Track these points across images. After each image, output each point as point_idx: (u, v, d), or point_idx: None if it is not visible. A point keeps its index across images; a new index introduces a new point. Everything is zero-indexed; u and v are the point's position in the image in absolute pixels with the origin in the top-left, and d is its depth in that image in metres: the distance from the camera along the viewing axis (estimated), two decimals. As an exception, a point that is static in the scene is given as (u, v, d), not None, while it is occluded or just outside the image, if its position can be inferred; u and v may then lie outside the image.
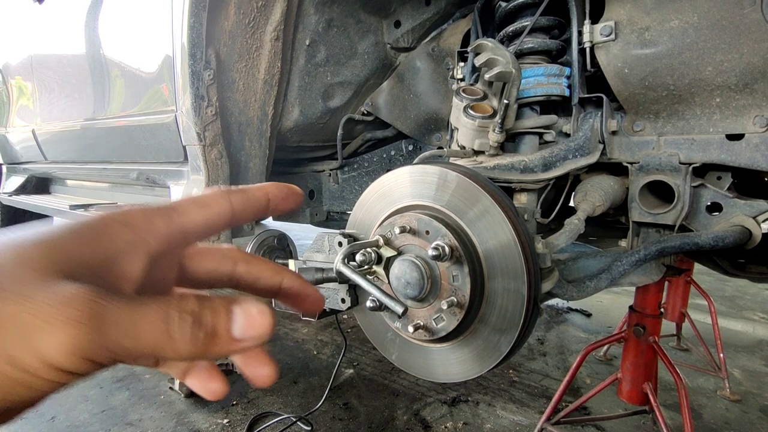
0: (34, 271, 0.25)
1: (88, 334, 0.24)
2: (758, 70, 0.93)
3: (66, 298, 0.24)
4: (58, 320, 0.24)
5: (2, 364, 0.23)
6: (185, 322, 0.27)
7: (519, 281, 0.80)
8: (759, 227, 1.02)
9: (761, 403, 2.06)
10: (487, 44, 1.04)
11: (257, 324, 0.30)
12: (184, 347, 0.28)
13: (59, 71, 2.35)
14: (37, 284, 0.25)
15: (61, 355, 0.24)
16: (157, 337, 0.27)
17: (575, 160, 1.11)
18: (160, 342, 0.27)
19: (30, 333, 0.23)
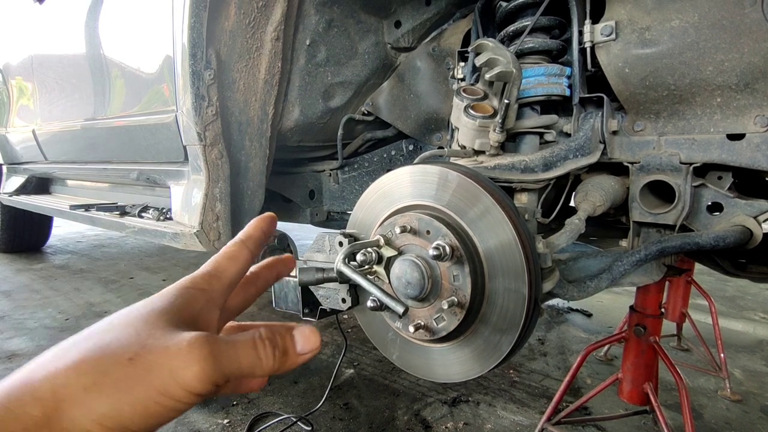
0: (160, 329, 0.37)
1: (211, 365, 0.36)
2: (759, 69, 0.93)
3: (190, 343, 0.36)
4: (191, 359, 0.35)
5: (160, 396, 0.34)
6: (267, 348, 0.40)
7: (520, 281, 0.80)
8: (760, 227, 1.02)
9: (762, 403, 2.06)
10: (487, 44, 1.05)
11: (312, 340, 0.44)
12: (269, 365, 0.40)
13: (59, 71, 2.35)
14: (166, 337, 0.36)
15: (198, 383, 0.35)
16: (252, 361, 0.39)
17: (576, 160, 1.11)
18: (254, 364, 0.40)
19: (175, 372, 0.34)
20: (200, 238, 1.45)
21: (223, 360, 0.37)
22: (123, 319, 0.38)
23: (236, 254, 0.48)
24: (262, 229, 0.52)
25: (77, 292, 3.56)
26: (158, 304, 0.40)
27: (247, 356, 0.39)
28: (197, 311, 0.41)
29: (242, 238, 0.49)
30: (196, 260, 4.60)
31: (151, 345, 0.35)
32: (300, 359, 0.43)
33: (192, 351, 0.35)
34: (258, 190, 1.61)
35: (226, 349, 0.38)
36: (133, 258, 4.78)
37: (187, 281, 0.43)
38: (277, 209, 2.39)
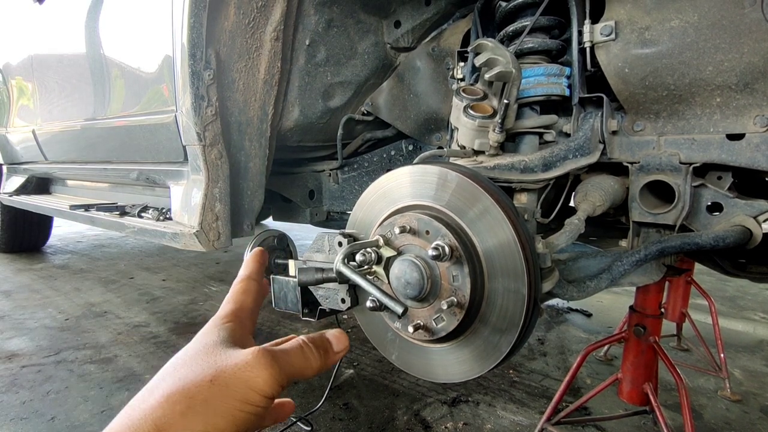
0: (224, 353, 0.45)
1: (276, 370, 0.45)
2: (759, 69, 0.93)
3: (255, 356, 0.45)
4: (259, 368, 0.44)
5: (242, 405, 0.42)
6: (312, 349, 0.51)
7: (519, 281, 0.79)
8: (760, 227, 1.01)
9: (762, 404, 2.06)
10: (487, 44, 1.04)
11: (343, 340, 0.55)
12: (317, 363, 0.50)
13: (59, 71, 2.35)
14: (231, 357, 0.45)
15: (269, 387, 0.44)
16: (303, 362, 0.49)
17: (575, 160, 1.11)
18: (305, 364, 0.49)
19: (249, 381, 0.43)
20: (200, 238, 1.45)
21: (283, 364, 0.46)
22: (189, 355, 0.46)
23: (247, 288, 0.58)
24: (259, 261, 0.64)
25: (77, 292, 3.56)
26: (209, 338, 0.48)
27: (298, 359, 0.49)
28: (239, 339, 0.49)
29: (248, 274, 0.60)
30: (196, 260, 4.60)
31: (223, 365, 0.43)
32: (337, 356, 0.54)
33: (258, 362, 0.44)
34: (258, 190, 1.61)
35: (282, 355, 0.47)
36: (133, 258, 4.78)
37: (220, 319, 0.52)
38: (276, 209, 2.39)
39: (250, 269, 0.61)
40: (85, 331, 2.79)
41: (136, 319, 2.99)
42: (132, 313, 3.12)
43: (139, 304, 3.31)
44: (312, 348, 0.50)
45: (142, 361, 2.39)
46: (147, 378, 2.19)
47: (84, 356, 2.44)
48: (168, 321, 2.97)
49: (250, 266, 0.62)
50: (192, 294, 3.54)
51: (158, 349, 2.53)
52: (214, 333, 0.49)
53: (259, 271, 0.62)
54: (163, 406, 0.39)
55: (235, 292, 0.57)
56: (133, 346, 2.57)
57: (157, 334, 2.76)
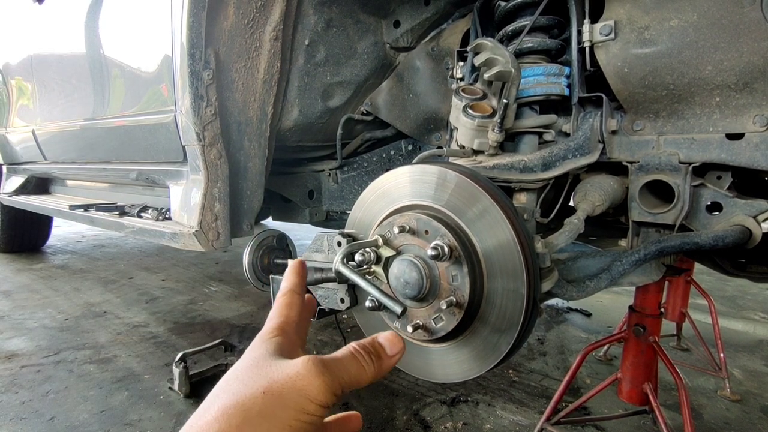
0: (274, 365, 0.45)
1: (329, 378, 0.44)
2: (758, 69, 0.93)
3: (305, 365, 0.44)
4: (312, 377, 0.43)
5: (298, 414, 0.41)
6: (365, 356, 0.48)
7: (518, 281, 0.79)
8: (759, 227, 1.01)
9: (762, 403, 2.06)
10: (486, 44, 1.04)
11: (396, 343, 0.51)
12: (371, 370, 0.48)
13: (59, 71, 2.35)
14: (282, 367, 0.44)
15: (323, 395, 0.43)
16: (357, 369, 0.47)
17: (575, 160, 1.11)
18: (359, 372, 0.47)
19: (303, 391, 0.42)
20: (199, 238, 1.45)
21: (335, 372, 0.45)
22: (240, 370, 0.45)
23: (291, 301, 0.56)
24: (302, 275, 0.62)
25: (77, 292, 3.56)
26: (257, 353, 0.47)
27: (352, 366, 0.47)
28: (287, 352, 0.49)
29: (291, 287, 0.59)
30: (196, 260, 4.60)
31: (275, 376, 0.43)
32: (392, 361, 0.51)
33: (309, 370, 0.43)
34: (257, 190, 1.61)
35: (333, 363, 0.46)
36: (132, 258, 4.78)
37: (266, 334, 0.51)
38: (276, 209, 2.39)
39: (291, 282, 0.59)
40: (85, 331, 2.79)
41: (136, 319, 2.99)
42: (131, 313, 3.12)
43: (139, 304, 3.30)
44: (363, 354, 0.49)
45: (142, 361, 2.39)
46: (146, 378, 2.19)
47: (83, 356, 2.44)
48: (167, 321, 2.96)
49: (290, 279, 0.60)
50: (191, 294, 3.53)
51: (158, 349, 2.52)
52: (262, 347, 0.48)
53: (300, 283, 0.60)
54: (219, 420, 0.40)
55: (279, 306, 0.56)
56: (133, 346, 2.57)
57: (156, 334, 2.75)
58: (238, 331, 2.78)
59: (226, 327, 2.85)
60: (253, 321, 2.95)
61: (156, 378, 2.20)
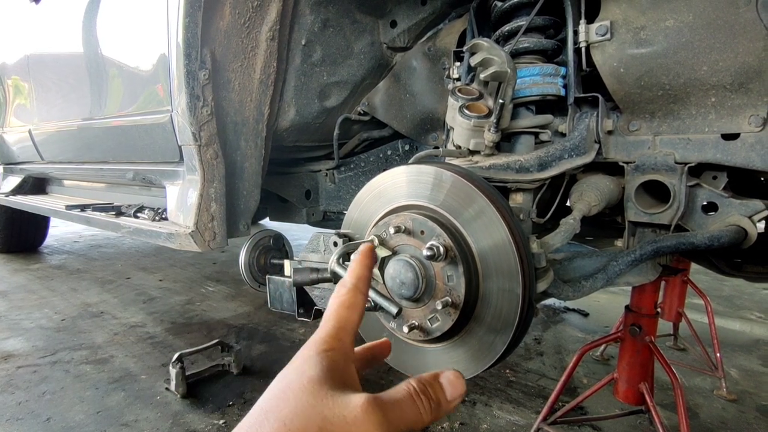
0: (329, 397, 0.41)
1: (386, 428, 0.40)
2: (753, 69, 0.93)
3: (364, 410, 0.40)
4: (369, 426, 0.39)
5: None
6: (425, 402, 0.44)
7: (514, 281, 0.79)
8: (754, 227, 1.01)
9: (758, 403, 2.06)
10: (482, 44, 1.04)
11: (458, 386, 0.47)
12: (428, 418, 0.44)
13: (56, 71, 2.34)
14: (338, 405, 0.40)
15: None
16: (415, 417, 0.43)
17: (571, 160, 1.11)
18: (417, 419, 0.43)
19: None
20: (195, 238, 1.44)
21: (393, 420, 0.41)
22: (292, 390, 0.41)
23: (353, 301, 0.49)
24: (369, 266, 0.54)
25: (74, 293, 3.55)
26: (311, 372, 0.43)
27: (411, 413, 0.43)
28: (343, 370, 0.44)
29: (354, 283, 0.51)
30: (193, 260, 4.59)
31: (330, 416, 0.39)
32: (451, 406, 0.47)
33: (368, 418, 0.40)
34: (254, 190, 1.61)
35: (392, 408, 0.42)
36: (130, 258, 4.77)
37: (322, 343, 0.46)
38: (273, 209, 2.39)
39: (358, 276, 0.51)
40: (82, 331, 2.78)
41: (133, 320, 2.99)
42: (128, 313, 3.11)
43: (136, 304, 3.30)
44: (424, 401, 0.44)
45: (139, 361, 2.38)
46: (143, 378, 2.19)
47: (80, 357, 2.43)
48: (165, 321, 2.96)
49: (357, 272, 0.52)
50: (189, 294, 3.53)
51: (155, 350, 2.52)
52: (316, 364, 0.43)
53: (366, 279, 0.52)
54: None
55: (340, 306, 0.49)
56: (130, 347, 2.56)
57: (153, 334, 2.75)
58: (235, 332, 2.78)
59: (224, 327, 2.85)
60: (251, 321, 2.94)
61: (153, 378, 2.20)
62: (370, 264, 0.54)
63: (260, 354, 2.48)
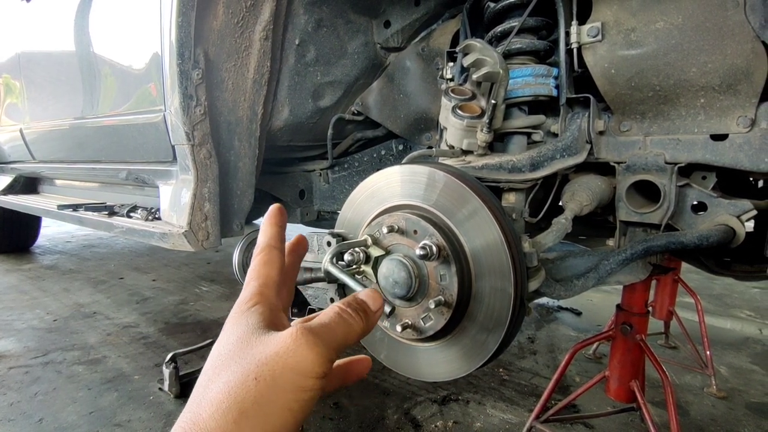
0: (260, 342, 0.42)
1: (321, 346, 0.41)
2: (741, 71, 0.95)
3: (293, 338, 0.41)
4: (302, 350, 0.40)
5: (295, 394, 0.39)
6: (351, 312, 0.47)
7: (506, 280, 0.80)
8: (743, 226, 1.03)
9: (747, 400, 2.09)
10: (475, 45, 1.05)
11: (377, 297, 0.51)
12: (360, 326, 0.46)
13: (48, 69, 2.32)
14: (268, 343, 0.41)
15: (318, 366, 0.41)
16: (345, 328, 0.45)
17: (563, 160, 1.12)
18: (348, 330, 0.45)
19: (295, 368, 0.40)
20: (188, 238, 1.44)
21: (326, 338, 0.42)
22: (226, 353, 0.42)
23: (269, 257, 0.51)
24: (279, 224, 0.55)
25: (66, 293, 3.53)
26: (240, 329, 0.43)
27: (340, 326, 0.45)
28: (271, 320, 0.45)
29: (267, 241, 0.53)
30: (187, 260, 4.58)
31: (263, 358, 0.40)
32: (376, 316, 0.50)
33: (299, 343, 0.40)
34: (247, 190, 1.61)
35: (322, 329, 0.43)
36: (123, 258, 4.74)
37: (244, 303, 0.47)
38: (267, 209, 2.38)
39: (268, 235, 0.53)
40: (74, 332, 2.77)
41: (126, 320, 2.97)
42: (121, 313, 3.10)
43: (129, 304, 3.28)
44: (351, 312, 0.46)
45: (132, 361, 2.37)
46: (136, 379, 2.18)
47: (72, 357, 2.42)
48: (158, 321, 2.95)
49: (267, 231, 0.54)
50: (182, 294, 3.52)
51: (148, 350, 2.51)
52: (243, 321, 0.44)
53: (278, 235, 0.54)
54: (216, 417, 0.37)
55: (256, 266, 0.51)
56: (123, 347, 2.55)
57: (146, 334, 2.74)
58: (229, 331, 2.77)
59: (218, 327, 2.84)
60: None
61: (146, 379, 2.19)
62: (279, 221, 0.56)
63: (254, 354, 2.47)
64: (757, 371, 2.38)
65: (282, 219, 0.56)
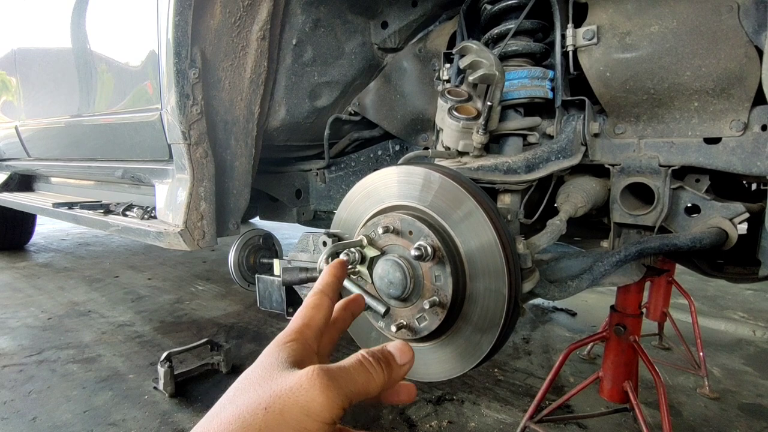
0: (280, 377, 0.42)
1: (334, 392, 0.40)
2: (734, 75, 0.96)
3: (309, 377, 0.40)
4: (315, 391, 0.40)
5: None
6: (374, 364, 0.46)
7: (500, 281, 0.81)
8: (735, 229, 1.04)
9: (740, 401, 2.10)
10: (471, 46, 1.05)
11: (406, 351, 0.49)
12: (380, 378, 0.46)
13: (44, 66, 2.31)
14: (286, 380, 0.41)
15: (326, 411, 0.40)
16: (365, 378, 0.44)
17: (558, 162, 1.13)
18: (368, 380, 0.44)
19: (305, 407, 0.39)
20: (184, 237, 1.44)
21: (342, 384, 0.42)
22: (249, 380, 0.43)
23: (319, 302, 0.53)
24: (336, 276, 0.59)
25: (61, 291, 3.52)
26: (270, 360, 0.45)
27: (360, 375, 0.44)
28: (300, 359, 0.46)
29: (321, 288, 0.55)
30: (183, 259, 4.57)
31: (278, 390, 0.40)
32: (402, 370, 0.49)
33: (313, 384, 0.40)
34: (244, 189, 1.61)
35: (340, 373, 0.43)
36: (118, 256, 4.73)
37: (284, 337, 0.48)
38: (263, 208, 2.39)
39: (324, 282, 0.57)
40: (69, 330, 2.76)
41: (121, 319, 2.97)
42: (117, 312, 3.09)
43: (124, 303, 3.27)
44: (373, 362, 0.46)
45: (127, 360, 2.37)
46: (131, 377, 2.18)
47: (67, 356, 2.41)
48: (153, 320, 2.94)
49: (323, 279, 0.57)
50: (178, 293, 3.51)
51: (143, 349, 2.51)
52: (275, 354, 0.46)
53: (334, 285, 0.57)
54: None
55: (305, 307, 0.53)
56: (118, 346, 2.55)
57: (142, 333, 2.73)
58: (224, 330, 2.77)
59: (213, 326, 2.84)
60: (240, 320, 2.94)
61: (141, 377, 2.19)
62: (338, 274, 0.59)
63: (250, 353, 2.48)
64: (749, 372, 2.40)
65: (341, 273, 0.60)
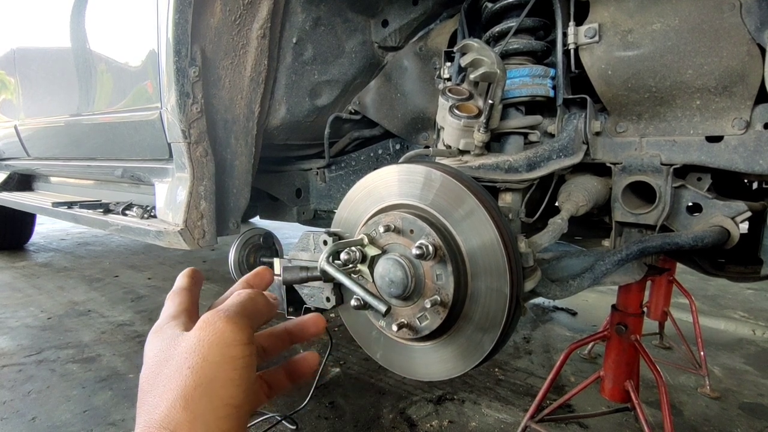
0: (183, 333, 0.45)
1: (233, 317, 0.44)
2: (737, 73, 0.95)
3: (206, 320, 0.44)
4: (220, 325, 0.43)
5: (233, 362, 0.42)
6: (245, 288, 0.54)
7: (501, 280, 0.80)
8: (737, 228, 1.03)
9: (740, 401, 2.10)
10: (472, 44, 1.05)
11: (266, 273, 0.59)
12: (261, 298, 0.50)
13: (43, 66, 2.31)
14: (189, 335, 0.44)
15: (240, 333, 0.43)
16: (250, 302, 0.48)
17: (559, 161, 1.12)
18: (253, 303, 0.49)
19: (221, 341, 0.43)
20: (184, 236, 1.44)
21: (233, 311, 0.45)
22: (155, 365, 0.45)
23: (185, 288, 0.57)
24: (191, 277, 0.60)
25: (60, 291, 3.51)
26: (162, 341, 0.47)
27: (243, 300, 0.48)
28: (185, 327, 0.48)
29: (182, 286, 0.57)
30: (183, 259, 4.56)
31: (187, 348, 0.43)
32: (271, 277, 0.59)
33: (212, 322, 0.44)
34: (244, 189, 1.60)
35: (226, 307, 0.46)
36: (118, 256, 4.72)
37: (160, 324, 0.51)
38: (263, 207, 2.38)
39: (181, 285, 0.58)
40: (68, 330, 2.75)
41: (121, 318, 2.96)
42: (116, 311, 3.09)
43: (124, 302, 3.27)
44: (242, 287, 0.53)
45: (126, 360, 2.37)
46: (131, 377, 2.17)
47: (66, 355, 2.41)
48: (153, 320, 2.93)
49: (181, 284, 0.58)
50: (178, 292, 3.50)
51: (142, 348, 2.49)
52: (160, 336, 0.48)
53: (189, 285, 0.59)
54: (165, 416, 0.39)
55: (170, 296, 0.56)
56: (117, 345, 2.54)
57: (141, 333, 2.73)
58: (224, 330, 2.76)
59: (213, 326, 2.83)
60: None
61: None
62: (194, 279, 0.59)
63: (249, 352, 2.47)
64: (750, 372, 2.40)
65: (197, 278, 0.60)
